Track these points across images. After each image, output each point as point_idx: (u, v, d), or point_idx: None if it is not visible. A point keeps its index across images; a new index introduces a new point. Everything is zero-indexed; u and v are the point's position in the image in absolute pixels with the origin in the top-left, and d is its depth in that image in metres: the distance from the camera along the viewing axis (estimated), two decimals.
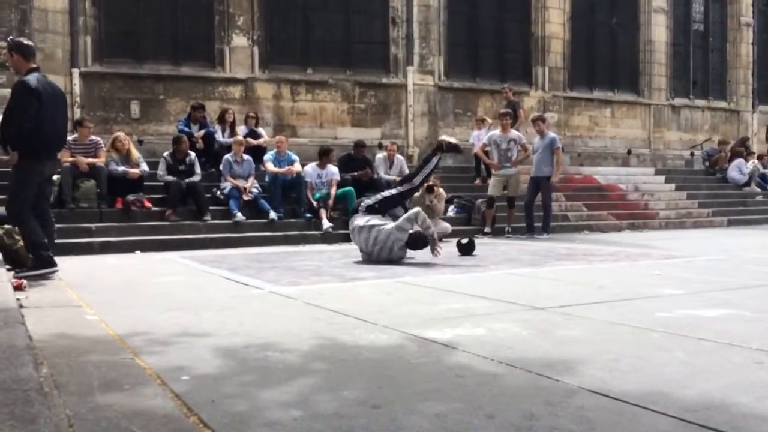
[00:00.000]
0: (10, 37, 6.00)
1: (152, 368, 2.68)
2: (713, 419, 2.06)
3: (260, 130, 11.45)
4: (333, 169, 10.42)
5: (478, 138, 12.05)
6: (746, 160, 15.61)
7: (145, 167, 9.56)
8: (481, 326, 3.46)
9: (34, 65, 5.58)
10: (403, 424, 2.04)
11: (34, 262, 5.50)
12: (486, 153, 10.97)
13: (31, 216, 5.57)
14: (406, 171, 11.28)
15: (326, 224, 9.74)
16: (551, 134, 10.88)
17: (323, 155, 10.43)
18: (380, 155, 11.29)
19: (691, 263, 6.69)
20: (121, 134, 9.76)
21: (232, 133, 10.95)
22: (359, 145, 11.22)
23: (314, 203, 10.04)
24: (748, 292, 4.68)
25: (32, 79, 5.38)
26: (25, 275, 5.22)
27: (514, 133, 10.66)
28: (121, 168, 9.33)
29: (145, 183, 9.55)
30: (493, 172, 10.81)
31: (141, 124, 11.95)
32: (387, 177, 10.92)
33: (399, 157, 11.47)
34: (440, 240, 9.73)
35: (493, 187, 10.65)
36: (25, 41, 5.81)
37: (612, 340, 3.16)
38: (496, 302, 4.27)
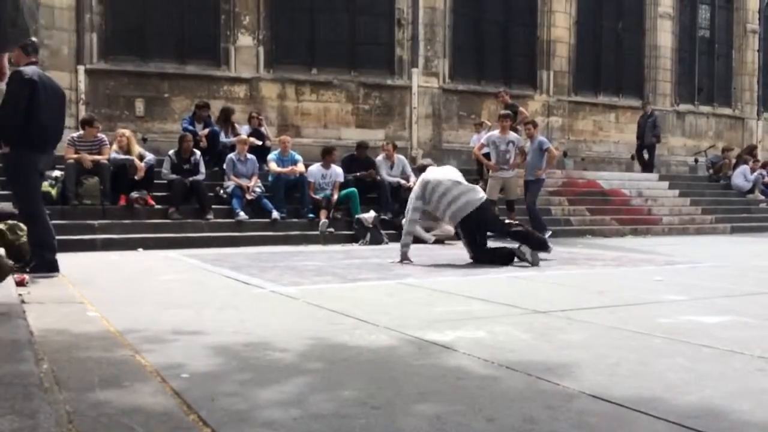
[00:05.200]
0: None
1: (152, 365, 2.68)
2: (714, 426, 2.05)
3: (264, 129, 11.45)
4: (337, 170, 10.42)
5: (478, 141, 12.05)
6: (752, 169, 15.56)
7: (150, 157, 9.53)
8: (482, 329, 3.46)
9: (34, 60, 5.53)
10: (402, 425, 2.04)
11: (37, 263, 5.39)
12: (485, 156, 10.96)
13: (45, 214, 5.54)
14: (409, 172, 11.29)
15: (321, 223, 9.74)
16: (540, 137, 10.92)
17: (326, 154, 10.44)
18: (380, 157, 11.28)
19: (693, 269, 6.67)
20: (121, 131, 9.78)
21: (235, 133, 10.97)
22: (361, 145, 11.23)
23: (318, 198, 10.05)
24: (751, 299, 4.66)
25: (27, 69, 5.35)
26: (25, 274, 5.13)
27: (512, 135, 10.65)
28: (124, 156, 9.31)
29: (148, 179, 9.55)
30: (489, 173, 10.80)
31: (145, 122, 11.99)
32: (389, 178, 10.91)
33: (400, 158, 11.44)
34: (443, 243, 9.78)
35: (490, 189, 10.63)
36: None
37: (613, 345, 3.15)
38: (498, 305, 4.26)
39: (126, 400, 2.21)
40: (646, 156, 15.24)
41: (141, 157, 9.48)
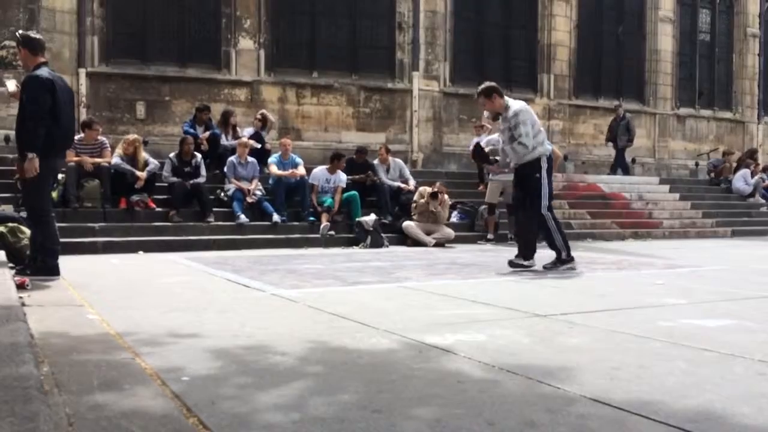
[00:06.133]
0: (20, 31, 5.91)
1: (152, 368, 2.68)
2: (714, 430, 2.05)
3: (264, 133, 11.43)
4: (342, 176, 10.40)
5: None
6: (753, 173, 15.56)
7: (153, 164, 9.51)
8: (482, 332, 3.46)
9: (43, 60, 5.43)
10: (403, 429, 2.04)
11: (38, 266, 5.38)
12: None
13: (53, 219, 5.53)
14: (407, 175, 11.29)
15: (323, 227, 9.73)
16: None
17: (335, 159, 10.41)
18: (376, 161, 11.26)
19: (694, 273, 6.67)
20: (129, 137, 9.76)
21: (235, 136, 10.96)
22: (360, 151, 11.21)
23: (318, 208, 10.03)
24: (752, 303, 4.66)
25: (43, 72, 5.25)
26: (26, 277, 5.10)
27: None
28: (128, 166, 9.30)
29: (150, 183, 9.54)
30: (490, 177, 10.79)
31: (146, 125, 11.99)
32: (388, 182, 10.91)
33: (396, 161, 11.42)
34: (443, 246, 9.78)
35: (490, 192, 10.63)
36: (33, 35, 5.67)
37: (613, 348, 3.15)
38: (498, 309, 4.26)
39: (126, 403, 2.21)
40: (627, 159, 15.09)
41: (145, 164, 9.47)
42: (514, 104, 6.63)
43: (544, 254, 6.67)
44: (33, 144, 5.19)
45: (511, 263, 6.54)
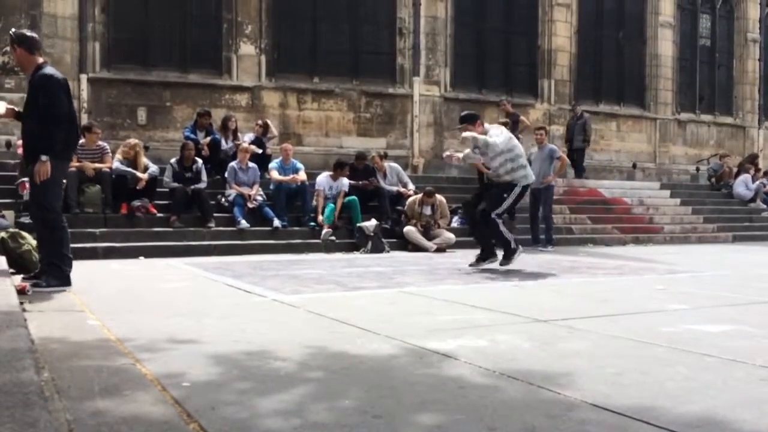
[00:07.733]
0: (13, 29, 5.63)
1: (153, 374, 2.68)
2: None
3: (265, 139, 11.43)
4: (344, 182, 10.40)
5: None
6: (753, 178, 15.55)
7: (154, 168, 9.52)
8: (483, 338, 3.45)
9: (41, 59, 5.17)
10: None
11: (52, 275, 5.07)
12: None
13: (65, 226, 5.19)
14: (406, 179, 11.28)
15: (324, 232, 9.73)
16: (550, 145, 10.91)
17: (338, 167, 10.39)
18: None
19: (695, 278, 6.66)
20: (129, 141, 9.76)
21: (236, 141, 10.96)
22: (359, 157, 11.20)
23: (319, 217, 10.00)
24: (753, 308, 4.65)
25: (54, 71, 5.06)
26: (38, 290, 4.89)
27: None
28: (126, 168, 9.30)
29: (150, 189, 9.54)
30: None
31: (147, 131, 12.01)
32: (387, 187, 10.91)
33: (392, 166, 11.41)
34: (444, 251, 9.77)
35: None
36: (28, 33, 5.32)
37: (614, 353, 3.14)
38: (499, 314, 4.25)
39: (126, 409, 2.21)
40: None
41: (145, 168, 9.47)
42: (496, 129, 7.24)
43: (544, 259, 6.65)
44: (51, 147, 4.96)
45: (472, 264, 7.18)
